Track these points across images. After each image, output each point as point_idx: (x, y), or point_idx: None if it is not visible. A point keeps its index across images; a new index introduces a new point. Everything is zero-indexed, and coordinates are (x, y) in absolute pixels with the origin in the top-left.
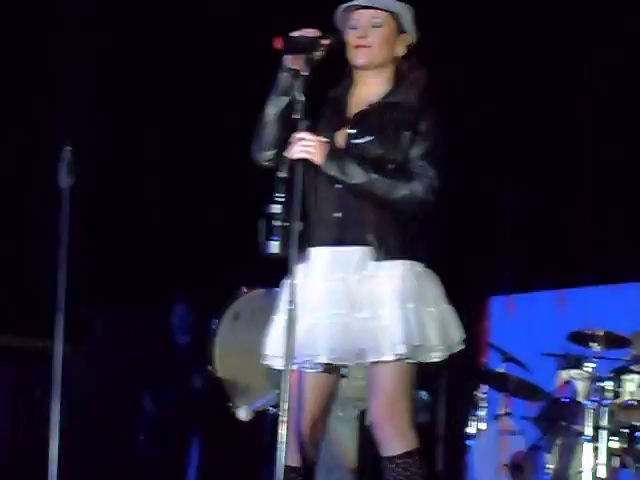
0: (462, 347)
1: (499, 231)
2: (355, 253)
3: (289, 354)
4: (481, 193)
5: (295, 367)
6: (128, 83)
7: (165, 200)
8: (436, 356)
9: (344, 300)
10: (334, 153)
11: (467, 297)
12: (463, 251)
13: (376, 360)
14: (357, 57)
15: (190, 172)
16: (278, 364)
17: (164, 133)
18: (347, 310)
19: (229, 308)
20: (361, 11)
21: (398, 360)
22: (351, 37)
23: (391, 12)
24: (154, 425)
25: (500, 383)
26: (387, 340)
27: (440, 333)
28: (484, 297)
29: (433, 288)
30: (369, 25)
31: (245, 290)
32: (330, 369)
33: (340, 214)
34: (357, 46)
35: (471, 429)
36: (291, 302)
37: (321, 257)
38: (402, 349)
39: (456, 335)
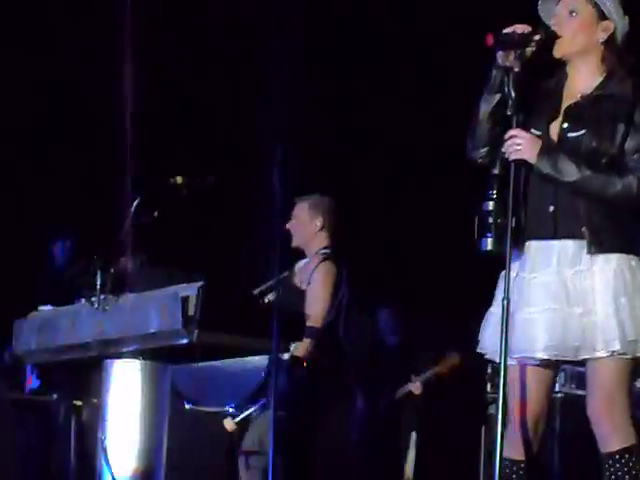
0: None
1: None
2: (569, 246)
3: (505, 349)
4: None
5: (514, 362)
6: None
7: (374, 203)
8: None
9: (560, 294)
10: (547, 150)
11: None
12: None
13: (591, 357)
14: (554, 49)
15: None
16: (497, 358)
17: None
18: (563, 305)
19: None
20: (560, 1)
21: (613, 356)
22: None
23: None
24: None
25: None
26: (600, 336)
27: None
28: None
29: None
30: (564, 14)
31: None
32: (548, 363)
33: (553, 207)
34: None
35: None
36: (505, 298)
37: (534, 251)
38: (616, 345)
39: None
